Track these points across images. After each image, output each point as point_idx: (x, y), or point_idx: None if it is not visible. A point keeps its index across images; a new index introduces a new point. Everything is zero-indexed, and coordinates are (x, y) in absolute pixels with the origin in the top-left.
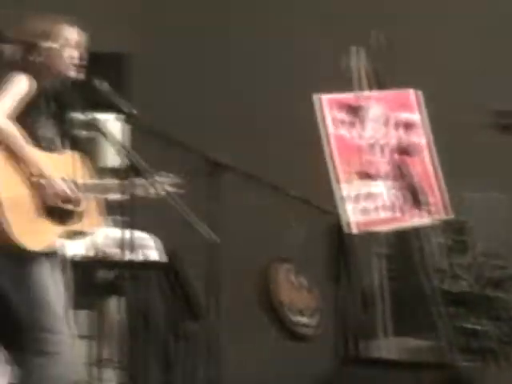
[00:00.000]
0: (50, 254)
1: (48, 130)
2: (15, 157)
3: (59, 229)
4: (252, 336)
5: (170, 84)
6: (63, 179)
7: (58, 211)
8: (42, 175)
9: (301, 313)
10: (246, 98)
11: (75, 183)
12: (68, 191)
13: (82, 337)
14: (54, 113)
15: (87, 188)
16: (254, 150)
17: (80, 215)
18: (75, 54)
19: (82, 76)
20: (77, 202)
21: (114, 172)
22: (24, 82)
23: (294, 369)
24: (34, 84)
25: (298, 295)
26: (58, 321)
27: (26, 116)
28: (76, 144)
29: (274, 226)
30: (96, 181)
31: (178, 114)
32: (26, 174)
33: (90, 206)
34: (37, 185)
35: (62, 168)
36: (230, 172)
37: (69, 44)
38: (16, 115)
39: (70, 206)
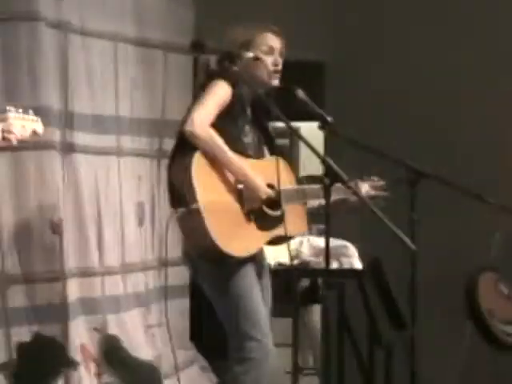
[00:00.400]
0: (256, 260)
1: (251, 137)
2: (219, 164)
3: (263, 234)
4: (452, 346)
5: (363, 92)
6: (267, 185)
7: (262, 217)
8: (246, 181)
9: (509, 322)
10: (444, 107)
11: (279, 188)
12: (272, 196)
13: (280, 344)
14: (254, 120)
15: (290, 193)
16: (454, 159)
17: (283, 220)
18: (276, 61)
19: (278, 83)
20: (280, 208)
21: (312, 180)
22: (224, 88)
23: (492, 380)
24: (233, 91)
25: (506, 304)
26: (261, 328)
27: (230, 124)
28: (274, 152)
29: (475, 234)
30: (299, 186)
31: (372, 122)
32: (229, 181)
33: (293, 211)
34: (241, 191)
35: (265, 174)
36: (432, 181)
37: (270, 52)
38: (217, 121)
39: (273, 212)
